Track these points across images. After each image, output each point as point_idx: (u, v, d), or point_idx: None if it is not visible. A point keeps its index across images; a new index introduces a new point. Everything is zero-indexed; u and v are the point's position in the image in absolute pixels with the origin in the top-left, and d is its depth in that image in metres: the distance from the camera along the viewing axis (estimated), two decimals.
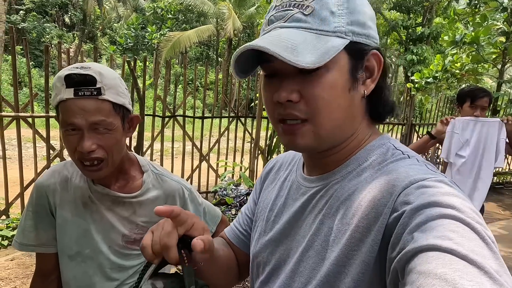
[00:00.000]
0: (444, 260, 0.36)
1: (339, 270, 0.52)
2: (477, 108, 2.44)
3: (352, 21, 0.53)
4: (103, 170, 0.89)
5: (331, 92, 0.53)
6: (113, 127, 0.87)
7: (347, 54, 0.53)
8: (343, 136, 0.58)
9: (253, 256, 0.72)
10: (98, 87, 0.82)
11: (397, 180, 0.50)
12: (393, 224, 0.46)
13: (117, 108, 0.88)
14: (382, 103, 0.60)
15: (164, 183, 1.04)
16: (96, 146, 0.84)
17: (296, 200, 0.65)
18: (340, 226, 0.54)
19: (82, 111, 0.81)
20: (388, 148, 0.59)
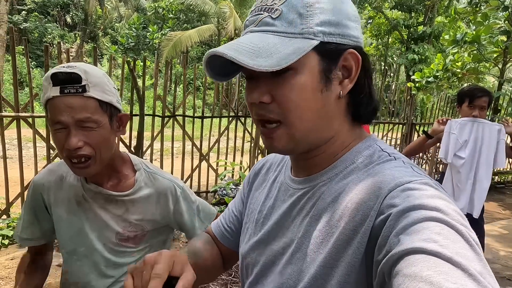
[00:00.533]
0: (429, 262, 0.36)
1: (326, 272, 0.52)
2: (476, 108, 2.43)
3: (322, 21, 0.52)
4: (91, 168, 0.90)
5: (300, 93, 0.53)
6: (99, 124, 0.87)
7: (318, 55, 0.53)
8: (321, 137, 0.58)
9: (242, 257, 0.72)
10: (83, 84, 0.84)
11: (383, 182, 0.50)
12: (379, 226, 0.46)
13: (104, 106, 0.89)
14: (363, 103, 0.59)
15: (156, 181, 1.05)
16: (82, 143, 0.85)
17: (284, 202, 0.65)
18: (328, 228, 0.54)
19: (68, 108, 0.83)
20: (374, 150, 0.59)
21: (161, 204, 1.03)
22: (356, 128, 0.62)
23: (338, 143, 0.60)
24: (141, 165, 1.06)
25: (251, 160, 4.79)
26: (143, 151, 3.84)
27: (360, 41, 0.57)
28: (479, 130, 2.44)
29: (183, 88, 4.37)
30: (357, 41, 0.56)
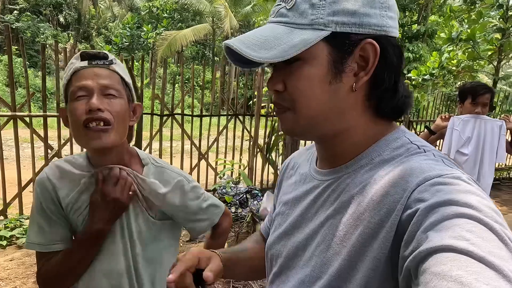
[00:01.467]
0: (460, 262, 0.35)
1: (350, 266, 0.51)
2: (479, 105, 2.45)
3: (335, 11, 0.51)
4: (109, 134, 0.88)
5: (307, 83, 0.54)
6: (121, 95, 0.92)
7: (329, 45, 0.52)
8: (332, 128, 0.57)
9: (267, 248, 0.73)
10: (110, 59, 0.92)
11: (411, 176, 0.48)
12: (406, 221, 0.45)
13: (124, 84, 0.94)
14: (384, 98, 0.56)
15: (164, 175, 1.04)
16: (104, 107, 0.87)
17: (309, 194, 0.65)
18: (352, 221, 0.53)
19: (95, 76, 0.88)
20: (403, 142, 0.56)
21: (168, 196, 1.02)
22: (380, 122, 0.59)
23: (359, 135, 0.58)
24: (148, 160, 1.06)
25: (250, 158, 4.79)
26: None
27: (387, 29, 0.53)
28: (482, 127, 2.46)
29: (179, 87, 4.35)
30: (380, 29, 0.52)
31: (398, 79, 0.56)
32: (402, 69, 0.57)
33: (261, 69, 4.73)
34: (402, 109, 0.58)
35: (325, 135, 0.59)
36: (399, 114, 0.59)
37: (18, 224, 3.40)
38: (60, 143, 3.59)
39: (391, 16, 0.54)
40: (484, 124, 2.46)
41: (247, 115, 4.84)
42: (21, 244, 3.16)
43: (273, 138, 5.04)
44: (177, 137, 4.50)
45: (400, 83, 0.57)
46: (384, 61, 0.53)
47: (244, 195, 4.28)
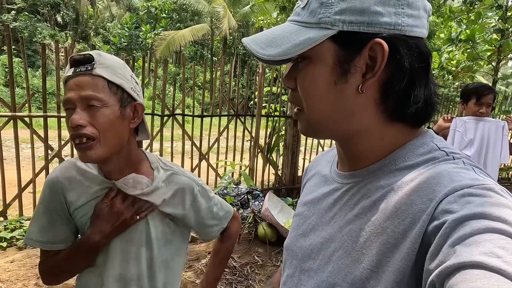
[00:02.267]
0: (491, 280, 0.33)
1: (371, 276, 0.49)
2: (483, 105, 2.45)
3: (343, 9, 0.49)
4: (94, 150, 0.85)
5: (311, 83, 0.53)
6: (105, 104, 0.85)
7: (336, 44, 0.50)
8: (342, 128, 0.55)
9: (284, 249, 0.72)
10: (92, 63, 0.85)
11: (438, 184, 0.45)
12: (433, 233, 0.42)
13: (113, 87, 0.87)
14: (396, 101, 0.52)
15: (174, 179, 1.03)
16: (84, 121, 0.83)
17: (328, 196, 0.64)
18: (373, 228, 0.50)
19: (76, 86, 0.84)
20: (430, 148, 0.53)
21: (179, 201, 1.02)
22: (400, 126, 0.55)
23: (376, 139, 0.55)
24: (158, 163, 1.04)
25: (251, 159, 4.78)
26: None
27: (403, 28, 0.50)
28: (485, 129, 2.46)
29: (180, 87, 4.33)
30: (393, 28, 0.49)
31: (416, 83, 0.52)
32: (423, 73, 0.52)
33: (261, 69, 4.73)
34: (423, 116, 0.54)
35: (337, 136, 0.59)
36: (421, 121, 0.55)
37: (18, 225, 3.37)
38: (61, 144, 3.56)
39: (412, 14, 0.50)
40: (486, 126, 2.46)
41: (248, 115, 4.83)
42: (22, 245, 3.14)
43: (274, 138, 5.03)
44: (178, 138, 4.49)
45: (419, 88, 0.52)
46: (394, 62, 0.50)
47: (245, 195, 4.27)
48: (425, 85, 0.53)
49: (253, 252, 3.41)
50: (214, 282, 1.20)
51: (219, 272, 1.22)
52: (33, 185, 3.49)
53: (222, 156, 4.83)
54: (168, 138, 4.47)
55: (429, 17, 0.55)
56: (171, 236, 1.04)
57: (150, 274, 1.01)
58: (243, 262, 3.21)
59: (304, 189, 0.77)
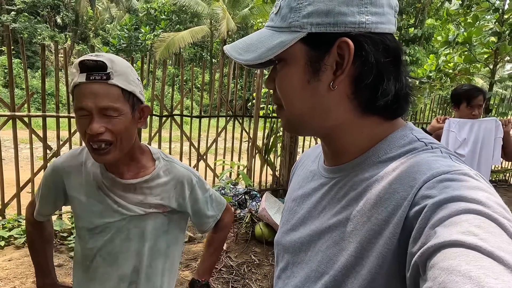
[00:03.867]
0: (468, 256, 0.35)
1: (355, 262, 0.51)
2: (474, 107, 2.49)
3: (310, 12, 0.52)
4: (111, 154, 0.92)
5: (287, 83, 0.57)
6: (121, 113, 0.90)
7: (306, 46, 0.54)
8: (320, 125, 0.58)
9: (275, 244, 0.74)
10: (108, 72, 0.87)
11: (418, 172, 0.48)
12: (414, 218, 0.44)
13: (126, 95, 0.91)
14: (365, 95, 0.55)
15: (174, 169, 1.09)
16: (104, 129, 0.88)
17: (316, 190, 0.66)
18: (359, 217, 0.53)
19: (92, 95, 0.86)
20: (410, 139, 0.56)
21: (177, 190, 1.07)
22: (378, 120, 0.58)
23: (356, 132, 0.58)
24: (159, 154, 1.10)
25: (249, 160, 4.80)
26: None
27: (368, 26, 0.52)
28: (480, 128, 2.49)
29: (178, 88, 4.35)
30: (358, 27, 0.52)
31: (384, 77, 0.54)
32: (391, 67, 0.54)
33: (260, 71, 4.75)
34: (396, 109, 0.57)
35: (316, 132, 0.62)
36: (393, 113, 0.57)
37: (16, 224, 3.39)
38: (59, 144, 3.58)
39: (376, 11, 0.53)
40: (482, 126, 2.49)
41: (246, 116, 4.85)
42: (19, 244, 3.15)
43: (272, 139, 5.05)
44: (176, 139, 4.51)
45: (387, 81, 0.54)
46: (361, 59, 0.52)
47: (242, 196, 4.30)
48: (395, 78, 0.55)
49: (250, 252, 3.43)
50: (209, 272, 1.25)
51: (213, 262, 1.28)
52: (31, 185, 3.51)
53: (220, 157, 4.85)
54: (166, 139, 4.49)
55: (395, 12, 0.57)
56: (167, 226, 1.09)
57: (149, 262, 1.06)
58: (240, 261, 3.23)
59: (291, 184, 0.79)
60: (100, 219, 1.03)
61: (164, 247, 1.09)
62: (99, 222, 1.03)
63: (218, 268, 3.07)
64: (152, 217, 1.05)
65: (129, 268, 1.05)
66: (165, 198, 1.06)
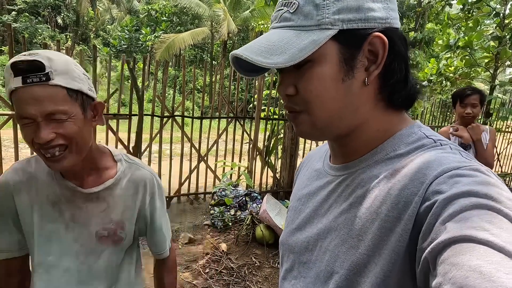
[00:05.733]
0: (479, 252, 0.35)
1: (368, 260, 0.50)
2: (467, 106, 2.50)
3: (339, 9, 0.51)
4: (67, 159, 0.82)
5: (320, 84, 0.54)
6: (70, 115, 0.79)
7: (338, 43, 0.52)
8: (347, 124, 0.57)
9: (280, 244, 0.73)
10: (46, 72, 0.75)
11: (428, 168, 0.48)
12: (425, 213, 0.44)
13: (73, 94, 0.80)
14: (396, 89, 0.56)
15: (136, 171, 1.00)
16: (54, 135, 0.78)
17: (322, 189, 0.65)
18: (368, 215, 0.52)
19: (33, 100, 0.75)
20: (419, 136, 0.56)
21: (139, 195, 0.99)
22: (394, 114, 0.58)
23: (373, 130, 0.58)
24: (121, 156, 1.01)
25: (250, 161, 4.79)
26: (141, 152, 3.81)
27: (391, 21, 0.54)
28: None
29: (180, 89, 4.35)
30: (385, 22, 0.53)
31: (408, 68, 0.56)
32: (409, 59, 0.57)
33: None
34: (413, 98, 0.59)
35: (340, 134, 0.59)
36: (411, 103, 0.59)
37: None
38: None
39: (393, 8, 0.55)
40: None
41: (247, 117, 4.85)
42: None
43: (273, 141, 5.05)
44: (177, 140, 4.50)
45: (410, 72, 0.57)
46: (393, 52, 0.54)
47: (243, 197, 4.28)
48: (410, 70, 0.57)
49: (251, 254, 3.41)
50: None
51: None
52: None
53: (221, 159, 4.85)
54: (167, 140, 4.48)
55: None
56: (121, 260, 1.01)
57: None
58: (241, 263, 3.21)
59: (296, 184, 0.78)
60: (48, 246, 0.91)
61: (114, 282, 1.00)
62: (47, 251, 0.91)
63: (219, 270, 3.06)
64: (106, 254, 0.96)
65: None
66: (128, 207, 0.97)
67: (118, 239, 0.97)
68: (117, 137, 3.91)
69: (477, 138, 2.47)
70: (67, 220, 0.92)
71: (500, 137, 7.31)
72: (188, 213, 4.35)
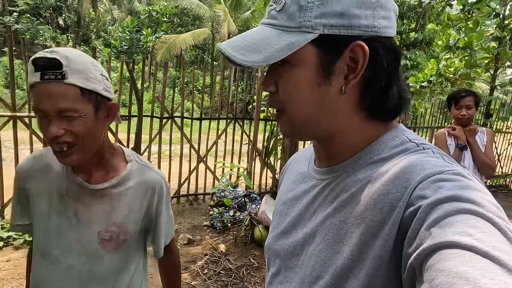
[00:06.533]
0: (465, 257, 0.35)
1: (352, 265, 0.50)
2: (462, 108, 2.50)
3: (323, 13, 0.49)
4: (74, 156, 0.85)
5: (295, 86, 0.53)
6: (82, 114, 0.82)
7: (317, 48, 0.51)
8: (326, 129, 0.56)
9: (266, 248, 0.72)
10: (63, 71, 0.79)
11: (412, 173, 0.47)
12: (409, 219, 0.44)
13: (87, 94, 0.83)
14: (377, 100, 0.54)
15: (146, 173, 1.01)
16: (63, 131, 0.81)
17: (307, 193, 0.65)
18: (353, 219, 0.52)
19: (48, 96, 0.79)
20: (402, 140, 0.55)
21: (147, 197, 1.00)
22: (376, 122, 0.58)
23: (355, 136, 0.57)
24: (133, 157, 1.03)
25: (249, 162, 4.79)
26: (140, 153, 3.81)
27: (379, 30, 0.51)
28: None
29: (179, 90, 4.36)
30: (371, 31, 0.51)
31: (392, 81, 0.54)
32: (396, 71, 0.55)
33: (261, 73, 4.76)
34: (396, 111, 0.57)
35: (319, 137, 0.60)
36: (393, 115, 0.58)
37: None
38: None
39: (385, 15, 0.52)
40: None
41: (246, 118, 4.85)
42: (18, 245, 3.14)
43: (272, 142, 5.06)
44: (176, 141, 4.51)
45: (394, 85, 0.55)
46: (375, 63, 0.52)
47: (242, 198, 4.29)
48: (396, 81, 0.55)
49: (249, 255, 3.41)
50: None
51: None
52: None
53: (220, 160, 4.85)
54: (166, 141, 4.49)
55: (396, 16, 0.57)
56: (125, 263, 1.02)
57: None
58: (239, 264, 3.22)
59: (281, 187, 0.77)
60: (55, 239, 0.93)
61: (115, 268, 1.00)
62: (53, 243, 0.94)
63: (217, 271, 3.06)
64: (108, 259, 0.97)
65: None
66: (133, 209, 0.98)
67: (120, 243, 0.97)
68: (117, 138, 3.92)
69: (472, 139, 2.48)
70: (71, 216, 0.93)
71: (501, 138, 7.30)
72: (187, 214, 4.36)
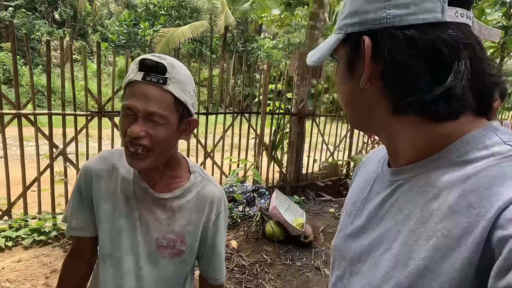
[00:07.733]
0: None
1: (416, 283, 0.45)
2: None
3: (346, 14, 0.55)
4: (146, 161, 0.87)
5: (337, 81, 0.61)
6: (167, 121, 0.85)
7: (346, 46, 0.56)
8: (368, 123, 0.59)
9: (333, 248, 0.71)
10: (166, 76, 0.83)
11: (502, 186, 0.40)
12: (499, 244, 0.37)
13: (178, 104, 0.86)
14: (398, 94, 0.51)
15: (207, 187, 1.02)
16: (144, 133, 0.83)
17: (378, 194, 0.61)
18: (423, 230, 0.46)
19: (143, 97, 0.82)
20: (493, 142, 0.47)
21: (205, 211, 1.00)
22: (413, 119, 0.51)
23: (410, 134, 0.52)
24: (196, 168, 1.05)
25: (256, 157, 4.75)
26: None
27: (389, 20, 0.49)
28: None
29: None
30: (379, 23, 0.50)
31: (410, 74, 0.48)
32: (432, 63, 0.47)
33: (267, 67, 4.69)
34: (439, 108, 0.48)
35: (371, 132, 0.63)
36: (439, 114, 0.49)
37: (23, 224, 3.33)
38: (65, 142, 3.52)
39: (401, 3, 0.48)
40: None
41: (253, 112, 4.80)
42: (27, 245, 3.10)
43: (278, 136, 5.00)
44: None
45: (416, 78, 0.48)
46: (379, 56, 0.50)
47: (251, 193, 4.25)
48: (434, 75, 0.47)
49: (262, 251, 3.39)
50: None
51: None
52: (37, 184, 3.45)
53: (227, 154, 4.81)
54: None
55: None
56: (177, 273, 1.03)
57: None
58: (252, 260, 3.19)
59: (353, 185, 0.76)
60: (118, 241, 0.96)
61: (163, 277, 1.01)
62: (116, 245, 0.96)
63: (230, 268, 3.03)
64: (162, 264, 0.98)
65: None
66: (191, 220, 0.98)
67: (177, 252, 0.98)
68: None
69: None
70: (135, 219, 0.96)
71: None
72: None
